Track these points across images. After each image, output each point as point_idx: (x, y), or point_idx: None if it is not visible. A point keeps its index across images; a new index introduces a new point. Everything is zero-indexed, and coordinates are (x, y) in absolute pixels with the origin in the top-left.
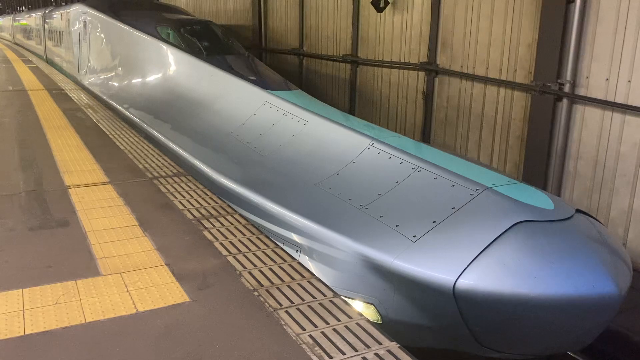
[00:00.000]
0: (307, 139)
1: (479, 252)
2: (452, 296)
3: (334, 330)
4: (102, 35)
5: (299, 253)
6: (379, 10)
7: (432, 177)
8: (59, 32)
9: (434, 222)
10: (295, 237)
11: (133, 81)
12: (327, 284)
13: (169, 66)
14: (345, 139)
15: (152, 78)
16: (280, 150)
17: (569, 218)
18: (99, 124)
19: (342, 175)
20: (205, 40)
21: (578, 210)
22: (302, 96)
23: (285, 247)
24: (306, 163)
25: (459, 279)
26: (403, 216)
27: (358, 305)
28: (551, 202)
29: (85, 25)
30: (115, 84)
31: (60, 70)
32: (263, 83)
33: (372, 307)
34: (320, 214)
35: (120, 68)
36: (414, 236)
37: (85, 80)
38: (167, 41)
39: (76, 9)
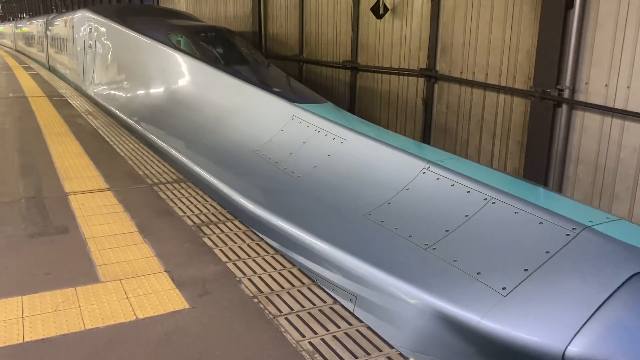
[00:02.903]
0: (346, 160)
1: (592, 311)
2: None
3: (334, 337)
4: (110, 42)
5: (353, 303)
6: (379, 16)
7: (512, 211)
8: (63, 39)
9: (525, 270)
10: (347, 283)
11: (143, 92)
12: (394, 345)
13: (183, 77)
14: (393, 160)
15: (165, 89)
16: (316, 172)
17: None
18: (99, 131)
19: (394, 204)
20: (223, 49)
21: None
22: (334, 110)
23: (335, 295)
24: (348, 188)
25: (569, 347)
26: (484, 261)
27: None
28: None
29: (90, 32)
30: (124, 94)
31: (63, 78)
32: (289, 95)
33: None
34: (376, 253)
35: (129, 78)
36: (504, 288)
37: (91, 90)
38: (181, 49)
39: (81, 15)
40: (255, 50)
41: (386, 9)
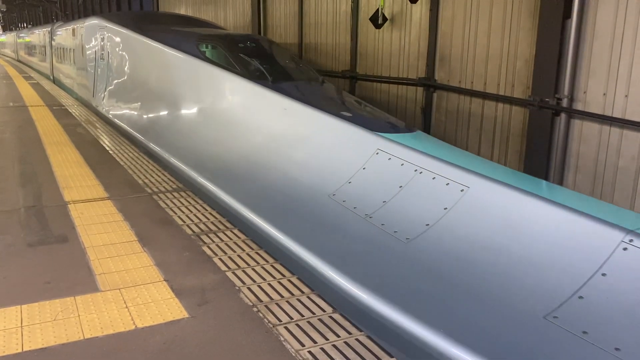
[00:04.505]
0: (476, 218)
1: None
2: None
3: (334, 346)
4: (127, 54)
5: None
6: (378, 26)
7: None
8: (70, 49)
9: None
10: None
11: (170, 113)
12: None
13: (224, 97)
14: (564, 225)
15: (198, 111)
16: (432, 235)
17: None
18: (99, 140)
19: (589, 300)
20: (267, 63)
21: None
22: (428, 140)
23: None
24: (498, 267)
25: None
26: None
27: None
28: None
29: (103, 42)
30: (144, 115)
31: (70, 92)
32: (365, 121)
33: None
34: None
35: (150, 96)
36: None
37: (103, 107)
38: (217, 63)
39: (92, 23)
40: (306, 64)
41: (385, 19)
